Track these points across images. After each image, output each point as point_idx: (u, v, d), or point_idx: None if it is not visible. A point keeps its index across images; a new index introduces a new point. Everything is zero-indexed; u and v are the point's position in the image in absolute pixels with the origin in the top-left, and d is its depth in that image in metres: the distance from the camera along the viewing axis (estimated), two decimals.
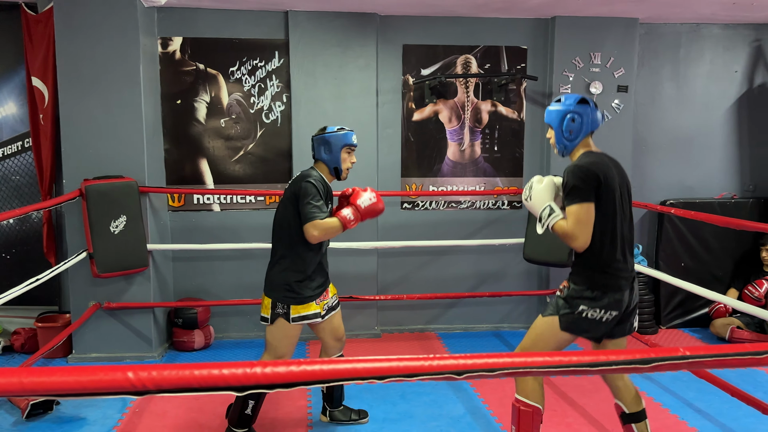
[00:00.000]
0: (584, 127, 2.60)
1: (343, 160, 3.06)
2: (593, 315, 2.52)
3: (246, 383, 1.14)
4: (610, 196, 2.51)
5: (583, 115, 2.60)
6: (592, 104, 2.63)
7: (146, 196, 4.31)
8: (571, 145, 2.64)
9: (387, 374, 1.16)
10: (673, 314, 5.16)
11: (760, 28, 5.13)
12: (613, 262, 2.53)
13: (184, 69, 4.58)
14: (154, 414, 3.51)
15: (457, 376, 1.16)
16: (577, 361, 1.08)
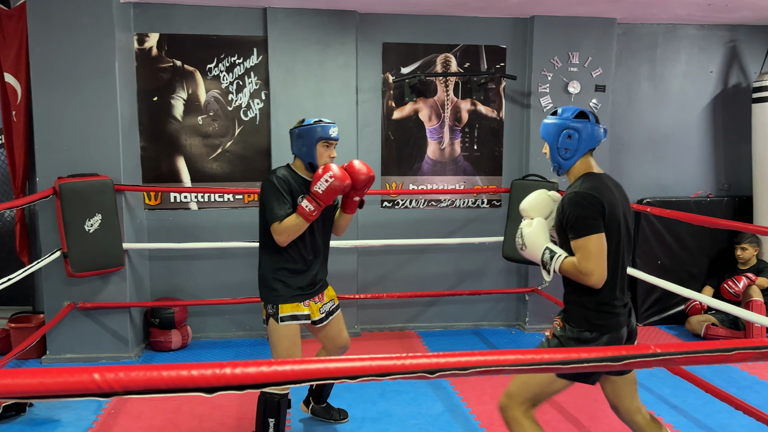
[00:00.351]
0: (582, 144, 2.33)
1: (319, 155, 2.82)
2: None
3: (216, 384, 1.12)
4: (614, 226, 2.26)
5: (581, 131, 2.32)
6: (593, 118, 2.36)
7: (122, 195, 4.25)
8: (567, 164, 2.37)
9: (359, 374, 1.15)
10: (650, 311, 5.22)
11: (734, 29, 5.21)
12: (613, 300, 2.29)
13: (160, 65, 4.52)
14: (129, 415, 3.46)
15: (430, 375, 1.16)
16: (549, 359, 1.08)
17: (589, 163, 2.38)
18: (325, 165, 2.74)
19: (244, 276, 4.71)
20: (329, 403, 3.45)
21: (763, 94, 4.90)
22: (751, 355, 1.16)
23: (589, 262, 2.19)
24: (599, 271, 2.20)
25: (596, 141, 2.35)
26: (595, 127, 2.35)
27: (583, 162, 2.37)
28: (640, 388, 3.81)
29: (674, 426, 3.35)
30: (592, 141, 2.34)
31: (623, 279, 2.35)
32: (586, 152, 2.36)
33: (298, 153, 2.87)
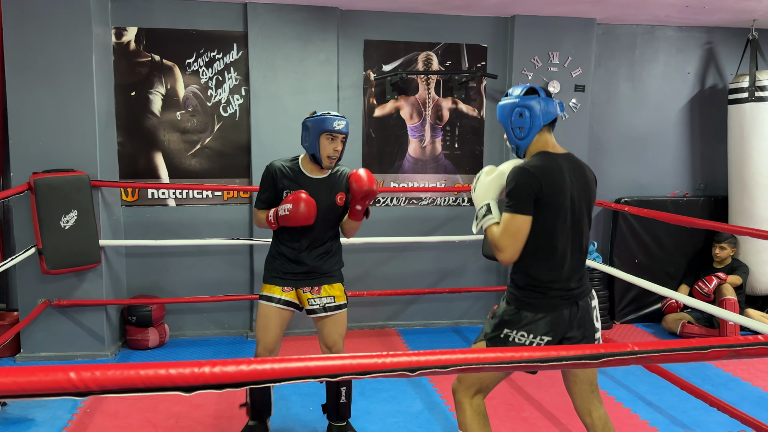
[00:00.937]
0: (535, 120, 2.24)
1: (322, 147, 2.84)
2: (521, 340, 2.24)
3: (194, 383, 1.11)
4: (551, 209, 2.19)
5: (531, 107, 2.24)
6: (543, 93, 2.28)
7: (98, 191, 4.19)
8: (524, 143, 2.29)
9: (340, 372, 1.15)
10: (627, 310, 5.29)
11: (711, 31, 5.28)
12: (548, 281, 2.22)
13: (138, 60, 4.46)
14: (105, 414, 3.41)
15: (411, 373, 1.15)
16: (528, 357, 1.08)
17: (546, 140, 2.30)
18: (295, 193, 2.80)
19: (222, 274, 4.68)
20: (349, 424, 3.16)
21: (738, 96, 4.98)
22: (726, 353, 1.18)
23: (503, 238, 2.18)
24: (510, 251, 2.18)
25: (550, 116, 2.27)
26: (548, 102, 2.27)
27: (540, 139, 2.29)
28: (617, 385, 3.88)
29: (650, 423, 3.40)
30: (545, 116, 2.26)
31: (566, 260, 2.25)
32: (542, 129, 2.28)
33: (304, 144, 2.91)
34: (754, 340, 1.18)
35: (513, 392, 3.75)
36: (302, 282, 2.96)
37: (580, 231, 2.29)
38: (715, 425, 3.35)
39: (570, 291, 2.26)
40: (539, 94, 2.28)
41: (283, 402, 3.60)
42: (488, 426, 2.32)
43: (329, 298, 3.02)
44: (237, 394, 3.63)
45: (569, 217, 2.24)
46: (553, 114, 2.28)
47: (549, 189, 2.16)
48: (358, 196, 2.85)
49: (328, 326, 3.03)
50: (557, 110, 2.29)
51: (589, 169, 2.37)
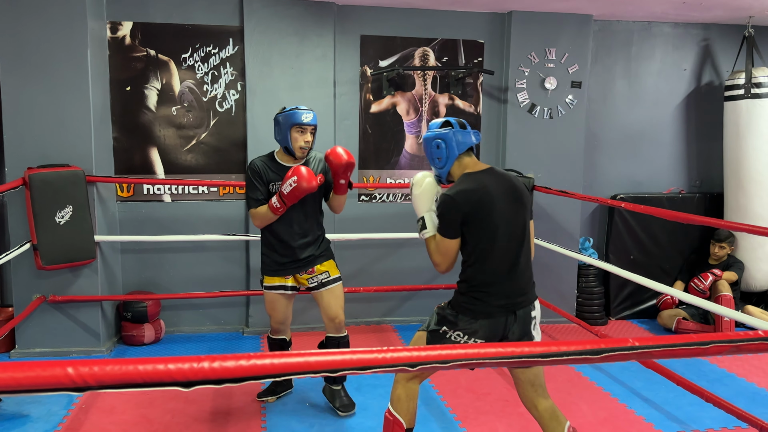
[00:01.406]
0: (450, 151, 2.46)
1: (293, 140, 3.12)
2: (456, 339, 2.41)
3: (193, 378, 1.10)
4: (481, 225, 2.36)
5: (446, 139, 2.46)
6: (457, 125, 2.50)
7: (93, 186, 4.17)
8: (444, 172, 2.51)
9: (340, 367, 1.14)
10: (622, 306, 5.30)
11: (708, 27, 5.29)
12: (485, 288, 2.38)
13: (134, 55, 4.43)
14: (101, 410, 3.40)
15: (411, 368, 1.15)
16: (529, 352, 1.08)
17: (465, 164, 2.50)
18: (294, 168, 3.00)
19: (218, 270, 4.67)
20: (344, 387, 3.49)
21: (734, 93, 5.00)
22: (726, 348, 1.18)
23: (435, 256, 2.46)
24: (442, 266, 2.45)
25: (464, 145, 2.48)
26: (460, 133, 2.48)
27: (459, 165, 2.50)
28: (612, 381, 3.89)
29: (646, 419, 3.41)
30: (460, 146, 2.47)
31: (504, 267, 2.40)
32: (458, 156, 2.49)
33: (277, 138, 3.18)
34: (755, 335, 1.18)
35: (509, 388, 3.76)
36: (299, 269, 3.28)
37: (516, 241, 2.44)
38: (711, 421, 3.36)
39: (509, 300, 2.40)
40: (453, 126, 2.51)
41: (279, 398, 3.59)
42: (413, 409, 2.50)
43: (324, 273, 3.32)
44: (234, 390, 3.63)
45: (502, 230, 2.39)
46: (468, 144, 2.49)
47: (474, 209, 2.35)
48: (339, 171, 3.10)
49: (326, 299, 3.32)
50: (472, 140, 2.50)
51: (514, 177, 2.54)
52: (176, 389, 1.12)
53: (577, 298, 5.13)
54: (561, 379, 3.90)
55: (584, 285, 5.12)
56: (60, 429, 3.20)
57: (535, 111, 4.89)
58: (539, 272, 4.92)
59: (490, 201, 2.37)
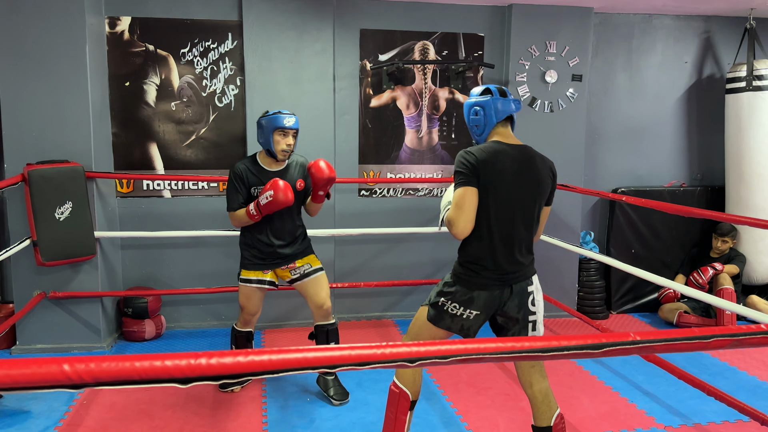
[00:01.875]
0: (488, 118, 2.45)
1: (275, 143, 3.22)
2: (453, 310, 2.44)
3: (191, 375, 1.09)
4: (488, 189, 2.34)
5: (485, 106, 2.45)
6: (496, 93, 2.47)
7: (93, 182, 4.16)
8: (481, 139, 2.49)
9: (338, 363, 1.13)
10: (624, 299, 5.29)
11: (709, 19, 5.26)
12: (481, 259, 2.39)
13: (132, 50, 4.42)
14: (102, 406, 3.40)
15: (410, 363, 1.14)
16: (530, 347, 1.07)
17: (501, 133, 2.48)
18: (273, 181, 3.11)
19: (218, 265, 4.66)
20: (337, 377, 3.57)
21: (736, 85, 4.97)
22: (728, 342, 1.17)
23: (452, 212, 2.36)
24: (461, 223, 2.33)
25: (503, 113, 2.46)
26: (500, 101, 2.45)
27: (496, 133, 2.48)
28: (614, 375, 3.88)
29: (647, 412, 3.41)
30: (498, 114, 2.45)
31: (503, 242, 2.40)
32: (496, 125, 2.47)
33: (260, 141, 3.28)
34: (757, 329, 1.17)
35: (510, 383, 3.76)
36: (279, 264, 3.39)
37: (521, 218, 2.43)
38: (712, 414, 3.36)
39: (505, 274, 2.42)
40: (493, 93, 2.47)
41: (279, 392, 3.60)
42: (419, 381, 2.58)
43: (305, 265, 3.43)
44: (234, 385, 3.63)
45: (508, 203, 2.38)
46: (507, 112, 2.46)
47: (485, 169, 2.33)
48: (320, 184, 3.20)
49: (312, 287, 3.41)
50: (512, 108, 2.47)
51: (544, 162, 2.48)
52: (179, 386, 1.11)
53: (578, 292, 5.12)
54: (562, 373, 3.90)
55: (585, 279, 5.11)
56: (61, 425, 3.20)
57: (535, 104, 4.87)
58: (540, 266, 4.93)
59: (503, 169, 2.35)
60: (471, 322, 2.44)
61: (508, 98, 2.47)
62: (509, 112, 2.47)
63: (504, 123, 2.49)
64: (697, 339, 1.13)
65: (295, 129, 3.22)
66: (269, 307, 4.71)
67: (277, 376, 1.15)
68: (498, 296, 2.42)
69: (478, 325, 2.47)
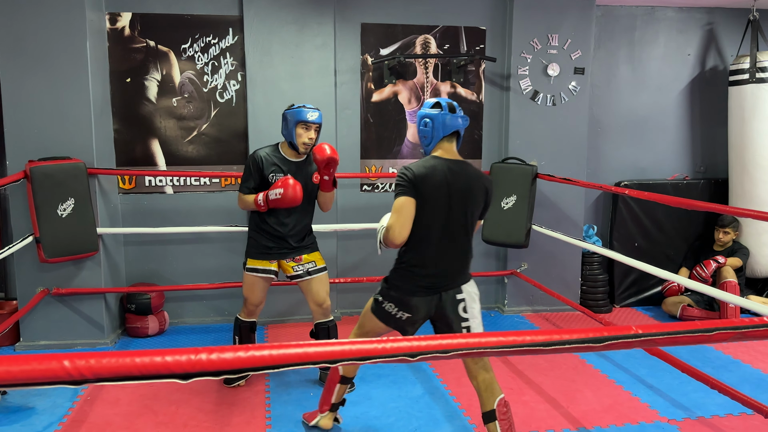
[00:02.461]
0: (436, 131, 2.56)
1: (298, 136, 3.27)
2: (389, 309, 2.61)
3: (191, 371, 1.09)
4: (424, 201, 2.48)
5: (434, 119, 2.56)
6: (446, 108, 2.57)
7: (95, 178, 4.16)
8: (428, 150, 2.62)
9: (339, 358, 1.13)
10: (627, 293, 5.28)
11: (712, 11, 5.23)
12: (414, 266, 2.55)
13: (133, 46, 4.41)
14: (106, 402, 3.41)
15: (411, 358, 1.14)
16: (531, 341, 1.07)
17: (444, 148, 2.59)
18: (284, 179, 3.18)
19: (221, 261, 4.66)
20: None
21: (739, 77, 4.94)
22: (731, 335, 1.16)
23: (391, 218, 2.49)
24: (397, 228, 2.45)
25: (449, 128, 2.55)
26: (448, 116, 2.54)
27: (438, 147, 2.59)
28: (617, 368, 3.88)
29: (651, 406, 3.40)
30: (445, 128, 2.55)
31: (432, 254, 2.54)
32: (442, 139, 2.57)
33: (283, 133, 3.33)
34: (759, 321, 1.16)
35: (513, 376, 3.76)
36: (286, 255, 3.41)
37: (454, 229, 2.56)
38: (716, 407, 3.35)
39: (434, 281, 2.56)
40: (443, 108, 2.57)
41: (283, 387, 3.60)
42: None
43: (311, 263, 3.44)
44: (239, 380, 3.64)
45: (442, 215, 2.52)
46: (453, 127, 2.56)
47: (422, 183, 2.46)
48: (321, 165, 3.18)
49: (315, 286, 3.43)
50: (458, 123, 2.57)
51: (480, 180, 2.60)
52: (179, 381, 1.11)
53: (581, 285, 5.11)
54: (566, 366, 3.89)
55: (588, 273, 5.10)
56: (65, 421, 3.21)
57: (537, 98, 4.85)
58: (543, 260, 4.94)
59: (439, 184, 2.49)
60: (404, 323, 2.62)
61: (456, 115, 2.57)
62: (455, 127, 2.56)
63: (450, 138, 2.59)
64: (699, 332, 1.13)
65: (317, 123, 3.28)
66: (273, 302, 4.72)
67: (279, 371, 1.15)
68: (428, 302, 2.57)
69: (413, 326, 2.64)
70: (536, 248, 4.88)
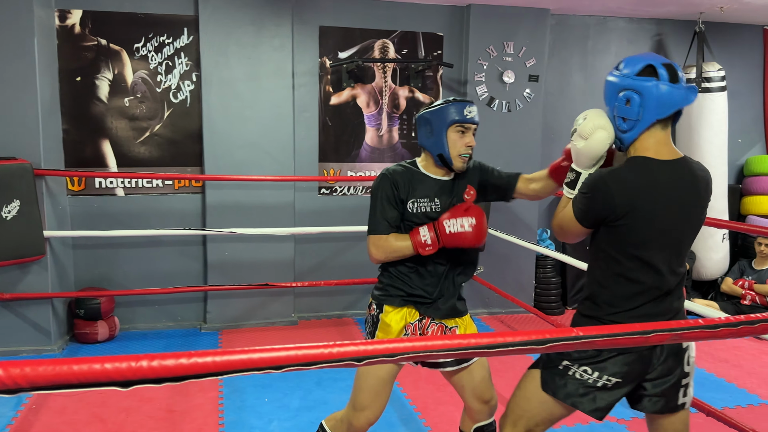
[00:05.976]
0: (646, 112, 1.77)
1: (452, 144, 2.16)
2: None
3: (131, 378, 1.06)
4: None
5: (645, 93, 1.78)
6: (665, 75, 1.76)
7: (42, 180, 4.03)
8: (628, 138, 1.83)
9: (284, 364, 1.12)
10: (579, 296, 5.36)
11: (661, 22, 5.40)
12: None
13: (84, 44, 4.30)
14: (51, 410, 3.31)
15: (357, 362, 1.13)
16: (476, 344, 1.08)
17: (657, 138, 1.80)
18: (477, 208, 2.15)
19: (174, 265, 4.58)
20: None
21: None
22: (667, 337, 1.20)
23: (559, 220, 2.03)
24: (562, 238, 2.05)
25: (668, 108, 1.75)
26: (668, 87, 1.73)
27: (648, 137, 1.80)
28: None
29: None
30: (661, 108, 1.74)
31: None
32: (653, 123, 1.77)
33: (425, 143, 2.21)
34: (695, 323, 1.20)
35: None
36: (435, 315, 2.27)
37: None
38: None
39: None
40: (659, 77, 1.74)
41: (237, 394, 3.55)
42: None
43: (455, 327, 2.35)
44: (189, 386, 3.57)
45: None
46: (675, 106, 1.75)
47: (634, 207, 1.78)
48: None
49: (478, 373, 2.33)
50: (682, 99, 1.75)
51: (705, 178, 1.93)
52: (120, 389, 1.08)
53: (535, 288, 5.20)
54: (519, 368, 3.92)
55: (542, 275, 5.20)
56: (8, 431, 3.09)
57: (493, 104, 4.92)
58: (498, 263, 5.00)
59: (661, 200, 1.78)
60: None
61: (679, 85, 1.76)
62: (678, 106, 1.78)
63: (665, 122, 1.82)
64: (638, 334, 1.16)
65: (476, 123, 2.20)
66: (227, 306, 4.66)
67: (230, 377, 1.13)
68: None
69: None
70: (492, 252, 4.94)
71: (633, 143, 1.81)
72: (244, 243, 4.56)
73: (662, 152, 1.79)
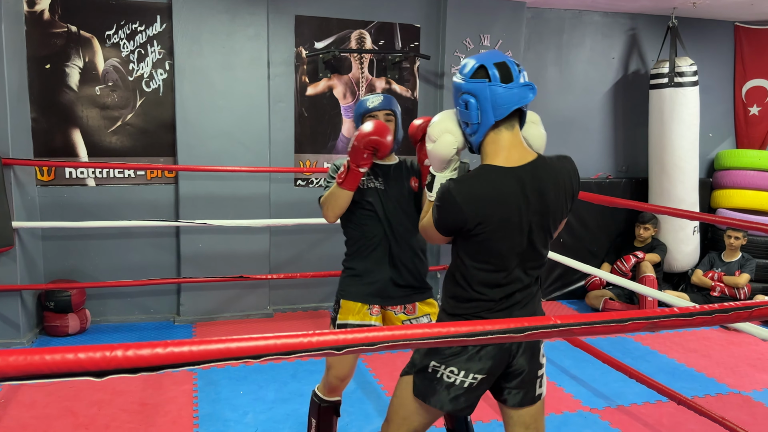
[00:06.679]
0: (485, 114, 1.78)
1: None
2: None
3: (105, 368, 1.04)
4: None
5: (479, 95, 1.77)
6: (497, 76, 1.75)
7: (10, 169, 3.93)
8: (476, 140, 1.84)
9: (263, 353, 1.10)
10: (553, 287, 5.46)
11: (635, 17, 5.46)
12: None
13: (53, 31, 4.19)
14: (21, 404, 3.24)
15: (337, 351, 1.12)
16: (455, 332, 1.08)
17: (501, 141, 1.78)
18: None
19: (147, 257, 4.51)
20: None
21: (659, 81, 5.19)
22: (644, 325, 1.21)
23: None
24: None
25: (504, 109, 1.73)
26: (501, 88, 1.72)
27: (493, 140, 1.79)
28: None
29: (574, 395, 3.53)
30: (498, 108, 1.73)
31: None
32: (495, 124, 1.75)
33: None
34: (670, 312, 1.22)
35: None
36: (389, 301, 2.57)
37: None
38: (634, 396, 3.51)
39: None
40: (490, 78, 1.72)
41: (212, 386, 3.52)
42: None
43: (426, 316, 2.63)
44: (165, 379, 3.53)
45: None
46: (512, 105, 1.73)
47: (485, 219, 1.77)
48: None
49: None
50: (518, 99, 1.74)
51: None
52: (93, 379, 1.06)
53: None
54: None
55: None
56: None
57: None
58: None
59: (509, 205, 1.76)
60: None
61: (514, 83, 1.76)
62: (515, 105, 1.79)
63: (508, 121, 1.82)
64: (614, 322, 1.17)
65: (386, 110, 2.41)
66: (201, 299, 4.61)
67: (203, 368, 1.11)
68: None
69: None
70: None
71: (482, 147, 1.79)
72: (218, 235, 4.51)
73: (512, 156, 1.77)
